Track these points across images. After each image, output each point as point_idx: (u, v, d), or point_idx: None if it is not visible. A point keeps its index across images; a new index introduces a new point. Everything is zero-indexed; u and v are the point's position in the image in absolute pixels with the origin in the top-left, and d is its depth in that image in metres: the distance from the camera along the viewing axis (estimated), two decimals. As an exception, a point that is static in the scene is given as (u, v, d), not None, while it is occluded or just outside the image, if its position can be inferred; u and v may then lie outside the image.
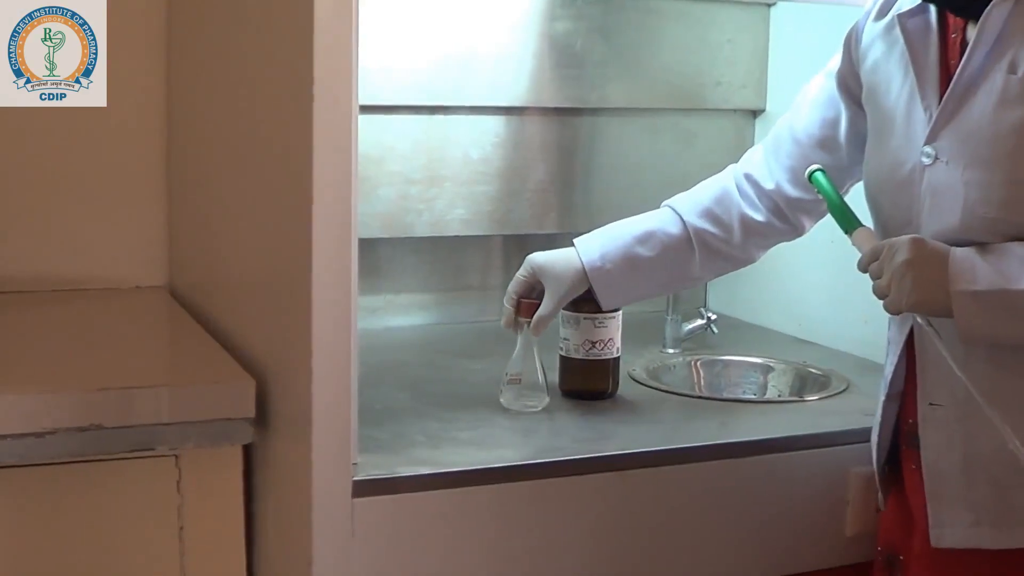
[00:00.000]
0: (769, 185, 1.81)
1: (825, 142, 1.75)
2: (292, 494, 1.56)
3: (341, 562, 1.52)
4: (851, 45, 1.69)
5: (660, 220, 1.85)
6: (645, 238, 1.83)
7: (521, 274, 1.85)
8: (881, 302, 1.46)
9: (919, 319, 1.46)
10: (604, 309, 1.87)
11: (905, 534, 1.60)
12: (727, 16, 2.46)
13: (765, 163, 1.82)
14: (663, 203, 1.88)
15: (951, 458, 1.51)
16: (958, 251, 1.42)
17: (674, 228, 1.83)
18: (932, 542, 1.53)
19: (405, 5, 2.18)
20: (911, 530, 1.58)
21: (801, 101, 1.80)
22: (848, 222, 1.56)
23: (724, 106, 2.49)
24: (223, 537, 1.66)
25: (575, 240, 1.86)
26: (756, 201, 1.82)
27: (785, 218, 1.82)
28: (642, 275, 1.84)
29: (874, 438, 1.64)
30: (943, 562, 1.53)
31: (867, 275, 1.48)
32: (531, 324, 1.82)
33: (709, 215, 1.83)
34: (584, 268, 1.81)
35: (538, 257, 1.84)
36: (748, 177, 1.84)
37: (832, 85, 1.73)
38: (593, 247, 1.83)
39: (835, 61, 1.73)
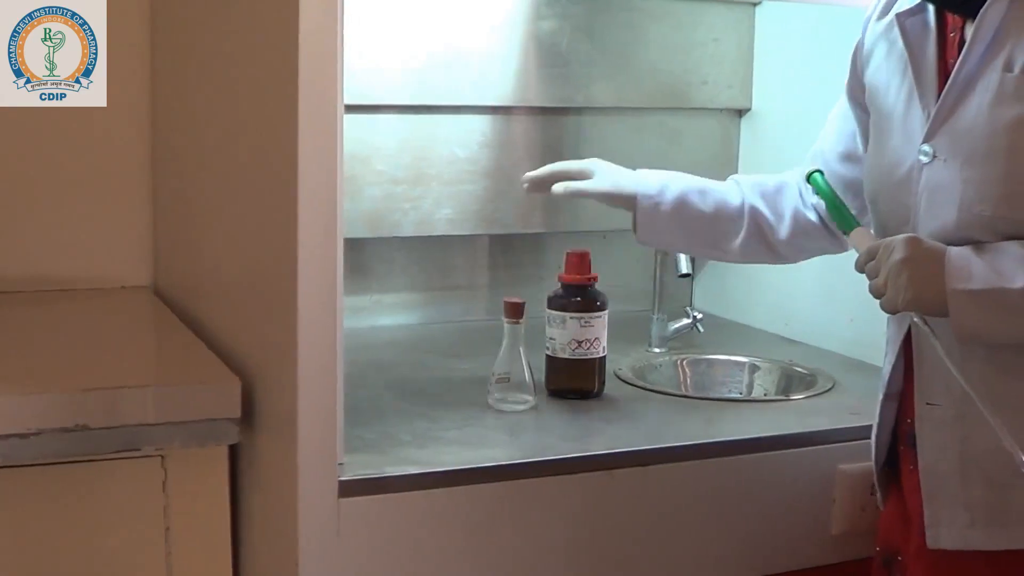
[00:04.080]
0: (813, 199, 1.81)
1: (848, 156, 1.74)
2: (278, 494, 1.56)
3: (327, 562, 1.52)
4: (857, 53, 1.69)
5: (722, 186, 1.85)
6: (704, 192, 1.82)
7: (578, 163, 1.83)
8: (872, 302, 1.46)
9: (915, 318, 1.45)
10: (638, 240, 1.84)
11: (903, 534, 1.59)
12: (713, 15, 2.46)
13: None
14: (728, 177, 1.88)
15: (947, 458, 1.50)
16: (954, 250, 1.42)
17: (734, 198, 1.82)
18: (928, 543, 1.52)
19: (391, 4, 2.18)
20: (909, 530, 1.57)
21: (830, 117, 1.80)
22: (846, 222, 1.57)
23: (710, 105, 2.49)
24: (209, 537, 1.65)
25: (639, 170, 1.84)
26: (809, 203, 1.82)
27: (828, 228, 1.80)
28: (687, 223, 1.82)
29: (873, 438, 1.63)
30: (941, 563, 1.52)
31: (860, 275, 1.48)
32: (567, 186, 1.80)
33: (767, 199, 1.82)
34: (637, 192, 1.80)
35: (603, 162, 1.83)
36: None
37: (845, 99, 1.74)
38: (653, 178, 1.82)
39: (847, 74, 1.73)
